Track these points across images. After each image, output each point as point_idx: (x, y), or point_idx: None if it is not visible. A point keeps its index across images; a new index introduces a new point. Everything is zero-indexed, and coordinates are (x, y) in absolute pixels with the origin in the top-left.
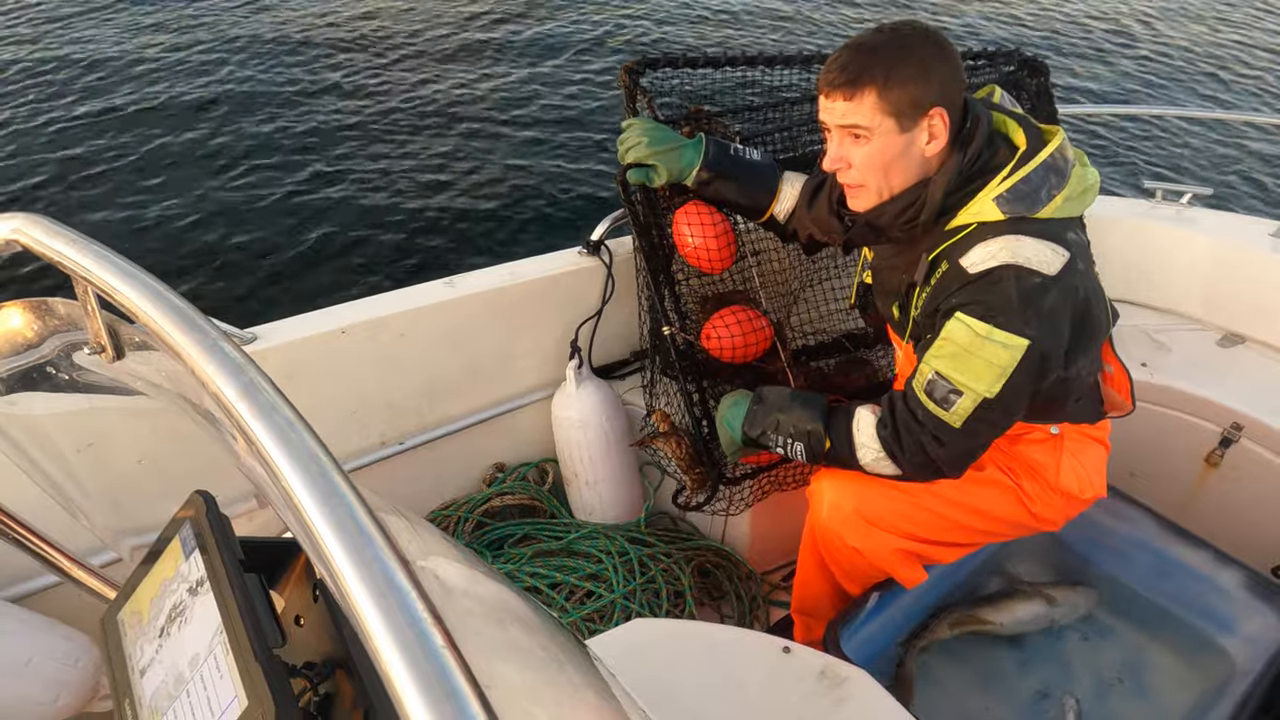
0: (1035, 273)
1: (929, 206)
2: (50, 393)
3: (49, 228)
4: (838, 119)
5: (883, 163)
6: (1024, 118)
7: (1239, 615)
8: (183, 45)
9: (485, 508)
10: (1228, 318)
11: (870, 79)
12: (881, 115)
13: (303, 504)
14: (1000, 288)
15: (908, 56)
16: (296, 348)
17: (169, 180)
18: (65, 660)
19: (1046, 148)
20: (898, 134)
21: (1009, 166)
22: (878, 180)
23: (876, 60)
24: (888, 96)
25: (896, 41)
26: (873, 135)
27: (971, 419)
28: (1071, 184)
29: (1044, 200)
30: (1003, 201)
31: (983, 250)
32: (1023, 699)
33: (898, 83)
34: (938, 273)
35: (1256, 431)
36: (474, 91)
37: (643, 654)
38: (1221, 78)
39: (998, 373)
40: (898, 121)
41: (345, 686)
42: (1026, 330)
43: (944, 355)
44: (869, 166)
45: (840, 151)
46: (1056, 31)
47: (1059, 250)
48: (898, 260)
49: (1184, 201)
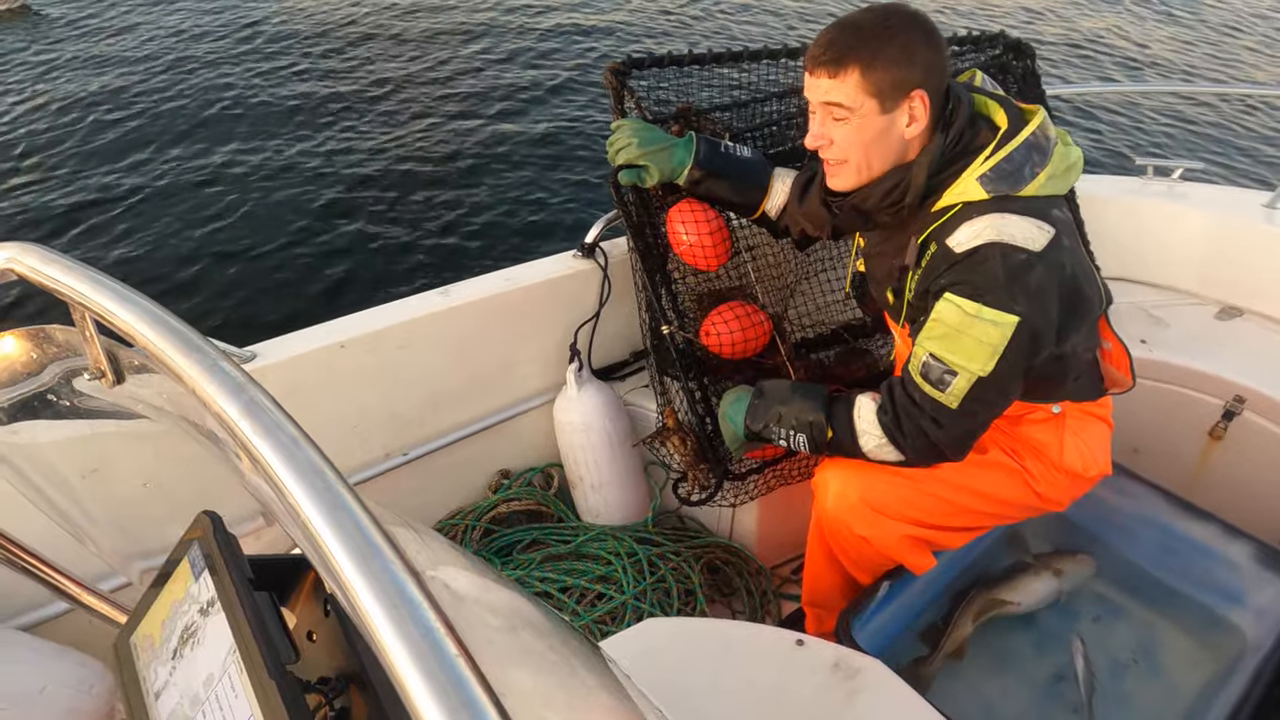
0: (1020, 249)
1: (913, 189)
2: (52, 420)
3: (44, 255)
4: (821, 95)
5: (862, 141)
6: (1005, 99)
7: (1249, 588)
8: (171, 63)
9: (492, 514)
10: (1224, 291)
11: (855, 58)
12: (864, 95)
13: (310, 519)
14: (987, 266)
15: (893, 39)
16: (296, 364)
17: (160, 201)
18: (79, 687)
19: (1028, 127)
20: (879, 114)
21: (991, 146)
22: (857, 158)
23: (862, 40)
24: (870, 77)
25: (883, 23)
26: (854, 114)
27: (968, 399)
28: (1054, 162)
29: (1027, 178)
30: (986, 181)
31: (968, 229)
32: (1039, 682)
33: (882, 64)
34: (927, 255)
35: (1259, 403)
36: (461, 99)
37: (656, 654)
38: (1209, 51)
39: (990, 351)
40: (879, 102)
41: (360, 700)
42: (1015, 307)
43: (936, 336)
44: (849, 144)
45: (822, 129)
46: (1041, 12)
47: (1044, 227)
48: (887, 246)
49: (1175, 177)
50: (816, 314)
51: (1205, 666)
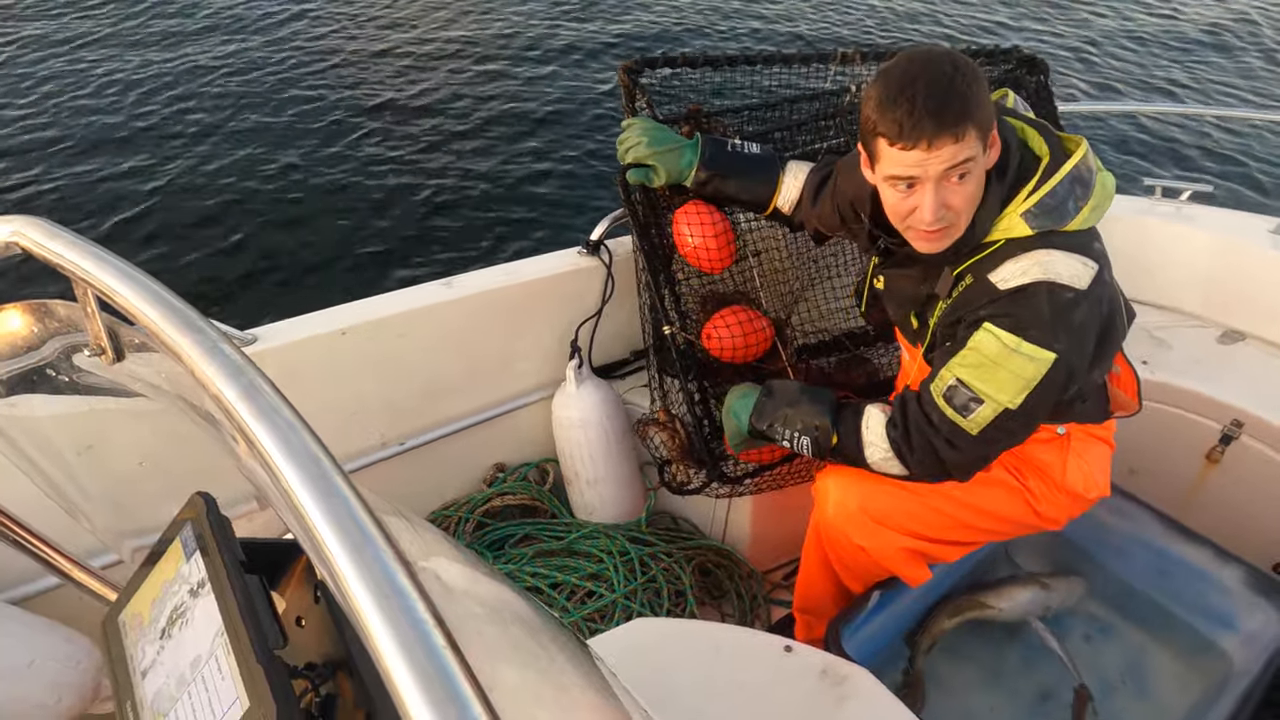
0: (1068, 288)
1: (976, 237)
2: (50, 395)
3: (48, 230)
4: (944, 163)
5: (980, 192)
6: (1042, 125)
7: (1240, 612)
8: (175, 57)
9: (486, 508)
10: (1228, 314)
11: (965, 111)
12: (980, 142)
13: (304, 505)
14: (1034, 302)
15: (973, 77)
16: (296, 349)
17: (166, 182)
18: (67, 662)
19: (1071, 159)
20: (983, 155)
21: (1034, 180)
22: (970, 213)
23: (954, 91)
24: (980, 120)
25: (955, 68)
26: (975, 165)
27: (990, 427)
28: (1096, 193)
29: (1072, 213)
30: (1030, 217)
31: (1013, 266)
32: (1027, 699)
33: (978, 104)
34: (961, 286)
35: (1257, 428)
36: (472, 93)
37: (644, 653)
38: (1225, 73)
39: (1022, 384)
40: (984, 146)
41: (346, 687)
42: (1055, 344)
43: (969, 364)
44: (970, 201)
45: (941, 198)
46: (1053, 27)
47: (1088, 263)
48: (914, 270)
49: (1183, 199)
50: (819, 320)
51: (1193, 689)
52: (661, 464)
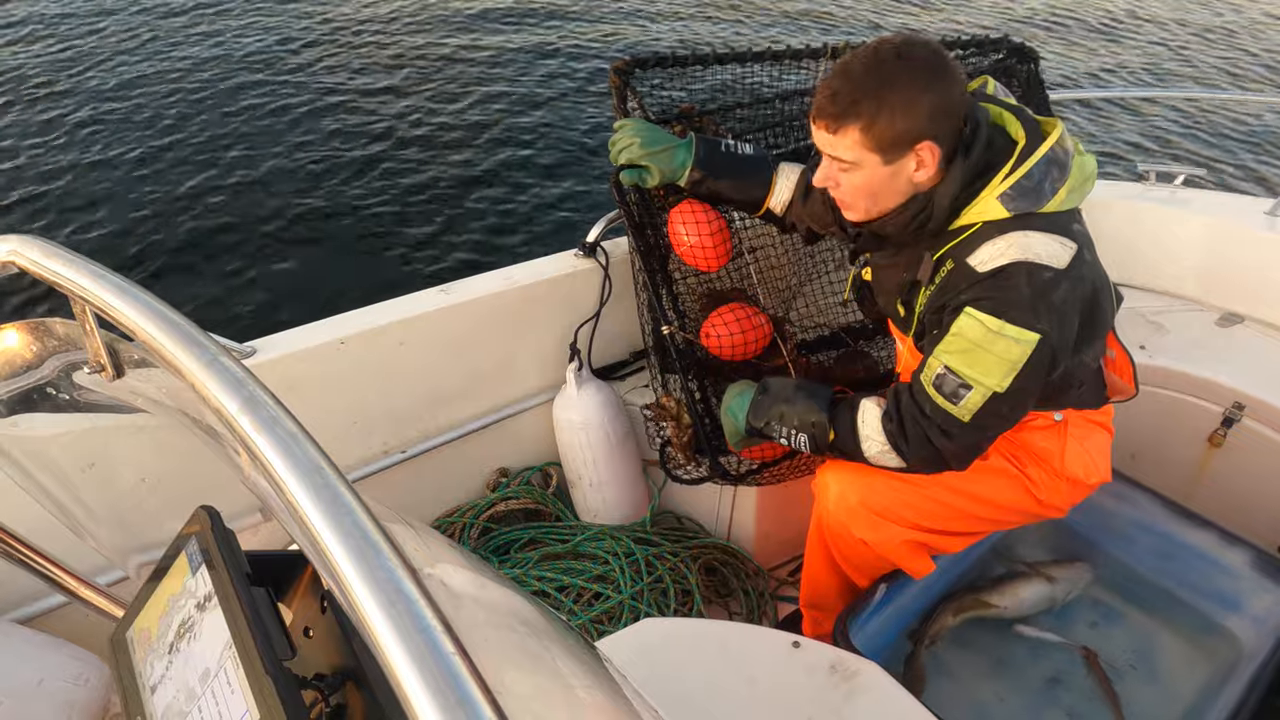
0: (1046, 267)
1: (936, 217)
2: (51, 413)
3: (45, 248)
4: (823, 147)
5: (869, 191)
6: (1019, 109)
7: (1247, 595)
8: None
9: (490, 513)
10: (1225, 297)
11: (854, 117)
12: (864, 150)
13: (308, 516)
14: (1013, 283)
15: (891, 92)
16: (296, 360)
17: (160, 197)
18: (75, 680)
19: (1046, 141)
20: (882, 166)
21: (1009, 163)
22: (865, 203)
23: (862, 95)
24: (871, 133)
25: (883, 74)
26: (856, 168)
27: (981, 413)
28: (1073, 175)
29: (1048, 194)
30: (1007, 199)
31: (990, 249)
32: (1034, 686)
33: (883, 120)
34: (942, 271)
35: (1259, 410)
36: (464, 98)
37: (652, 654)
38: (1218, 57)
39: (1008, 367)
40: (881, 156)
41: (356, 697)
42: (1037, 324)
43: (954, 350)
44: (854, 192)
45: (829, 172)
46: (1043, 15)
47: (1067, 243)
48: (898, 258)
49: (1177, 183)
50: (818, 316)
51: (1202, 673)
52: (663, 445)
